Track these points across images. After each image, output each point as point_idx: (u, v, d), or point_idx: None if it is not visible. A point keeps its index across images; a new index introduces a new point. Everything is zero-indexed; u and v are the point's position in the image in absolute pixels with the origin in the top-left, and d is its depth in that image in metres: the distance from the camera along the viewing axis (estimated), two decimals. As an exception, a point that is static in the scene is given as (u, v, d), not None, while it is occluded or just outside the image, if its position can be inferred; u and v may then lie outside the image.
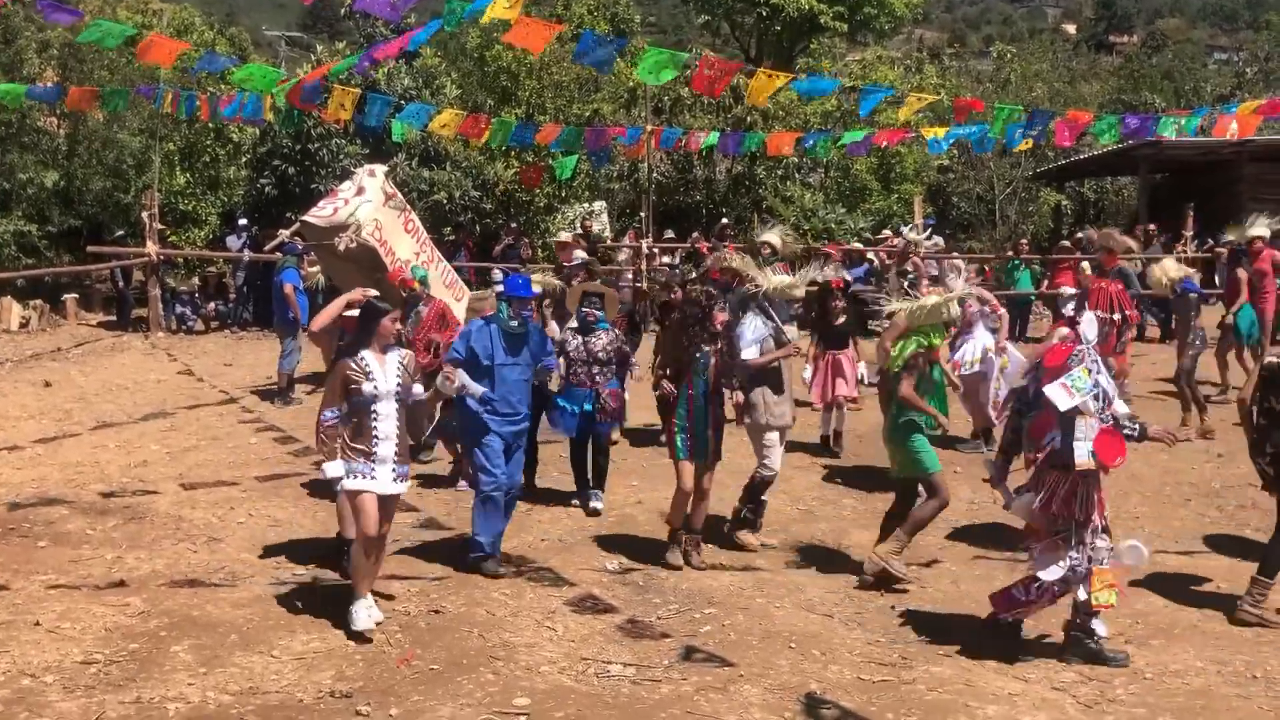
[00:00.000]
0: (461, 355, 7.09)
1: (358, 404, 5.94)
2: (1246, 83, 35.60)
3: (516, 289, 7.12)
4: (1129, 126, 12.17)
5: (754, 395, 7.60)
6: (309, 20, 66.07)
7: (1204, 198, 22.63)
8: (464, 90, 23.29)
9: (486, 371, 7.03)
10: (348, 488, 5.97)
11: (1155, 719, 5.14)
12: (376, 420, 5.95)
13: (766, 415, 7.66)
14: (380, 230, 12.28)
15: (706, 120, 23.70)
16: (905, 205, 24.17)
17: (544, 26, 9.69)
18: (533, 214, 21.89)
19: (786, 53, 31.53)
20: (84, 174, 20.78)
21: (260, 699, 5.11)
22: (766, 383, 7.67)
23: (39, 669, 5.36)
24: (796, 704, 5.20)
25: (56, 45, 21.27)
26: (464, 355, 7.09)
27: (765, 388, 7.67)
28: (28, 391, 12.56)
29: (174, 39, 13.99)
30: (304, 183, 19.94)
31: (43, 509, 8.13)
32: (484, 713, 5.00)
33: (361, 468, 5.92)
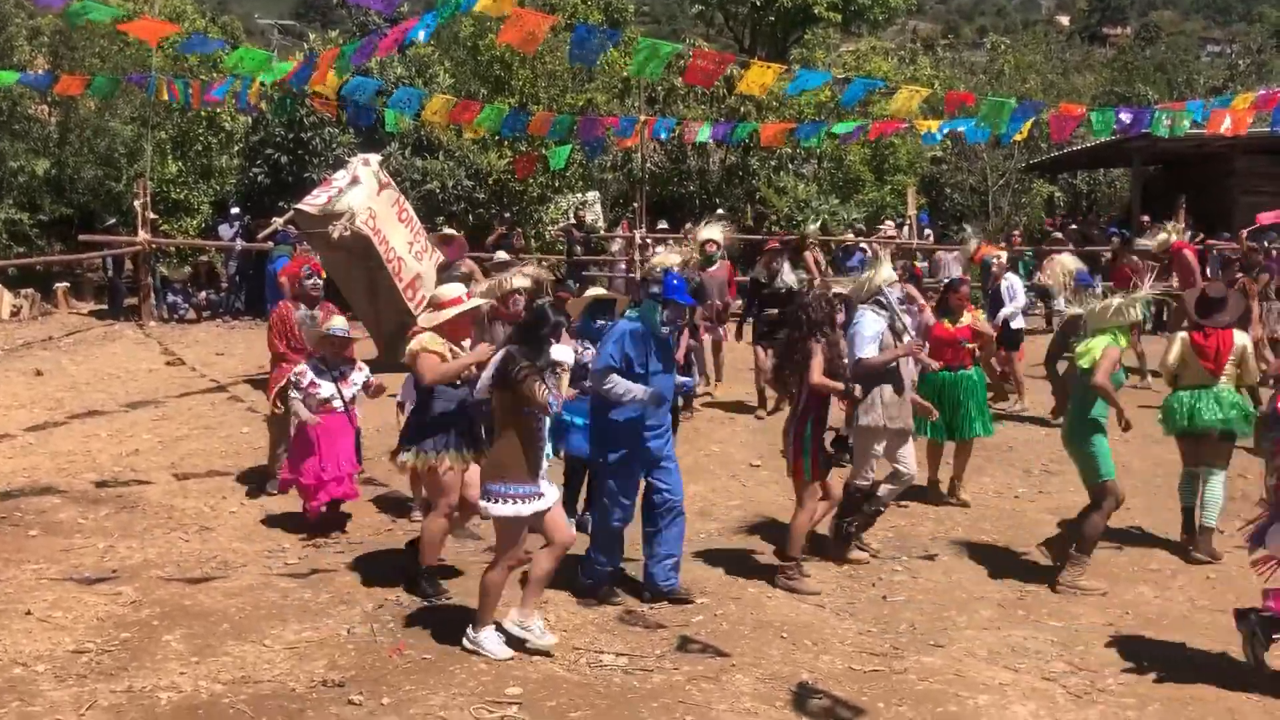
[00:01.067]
0: (616, 361, 6.27)
1: (522, 419, 5.53)
2: (1239, 75, 35.63)
3: (678, 293, 6.37)
4: (1123, 123, 12.17)
5: (870, 395, 7.07)
6: (301, 8, 65.90)
7: (1197, 190, 22.65)
8: (457, 79, 23.25)
9: (639, 381, 6.28)
10: (500, 513, 5.50)
11: (1145, 708, 5.17)
12: (542, 433, 5.63)
13: (884, 417, 7.13)
14: (374, 219, 12.28)
15: (700, 111, 23.69)
16: (898, 196, 24.22)
17: (538, 18, 9.64)
18: (526, 204, 21.86)
19: (780, 43, 31.49)
20: (75, 162, 20.72)
21: (252, 688, 5.11)
22: (886, 381, 7.14)
23: (30, 658, 5.36)
24: (788, 693, 5.22)
25: (47, 32, 21.20)
26: (618, 362, 6.28)
27: (884, 386, 7.14)
28: (19, 380, 12.52)
29: (165, 23, 13.92)
30: (296, 171, 19.90)
31: (34, 498, 8.11)
32: (476, 702, 5.01)
33: (529, 490, 5.51)
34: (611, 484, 6.41)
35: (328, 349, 7.64)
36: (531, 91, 23.08)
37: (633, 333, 6.35)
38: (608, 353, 6.32)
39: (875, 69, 26.97)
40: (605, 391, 6.23)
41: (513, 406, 5.49)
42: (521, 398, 5.42)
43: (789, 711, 5.05)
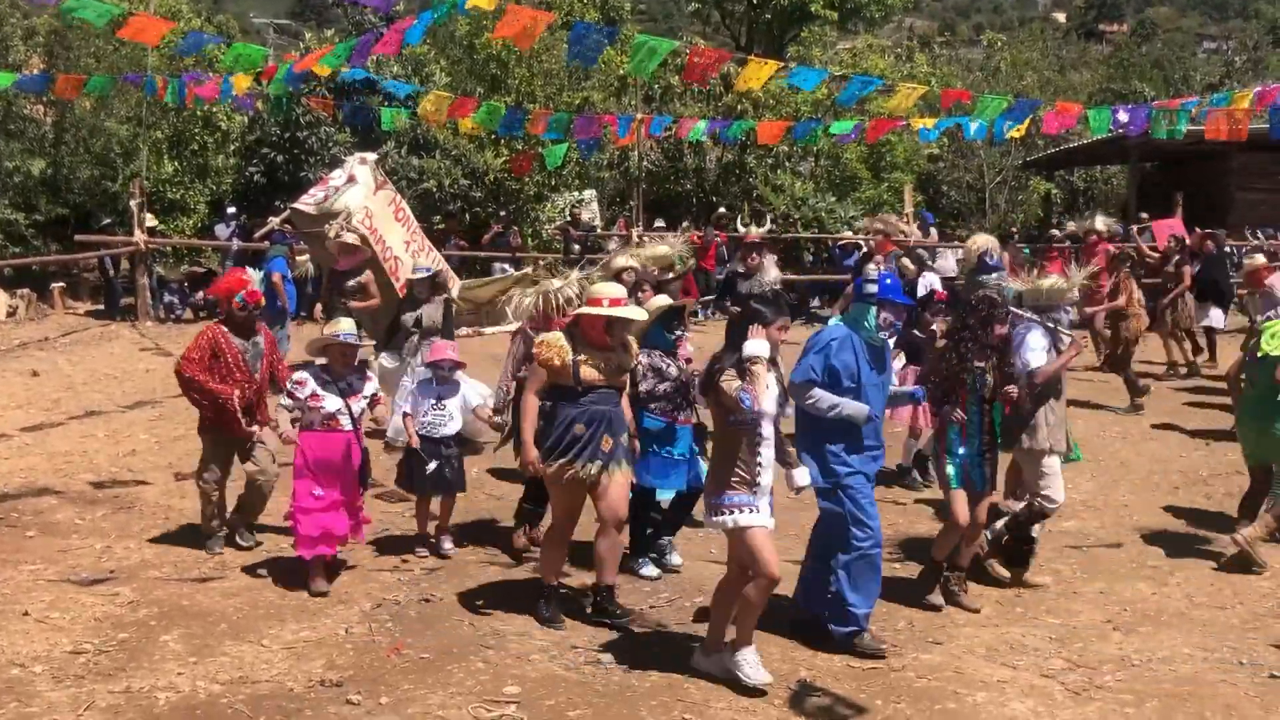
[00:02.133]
0: (818, 375, 5.72)
1: (742, 426, 5.19)
2: (1236, 72, 35.69)
3: (894, 292, 5.89)
4: (1119, 122, 12.16)
5: (1039, 415, 6.69)
6: (297, 7, 65.83)
7: (1194, 187, 22.70)
8: (454, 78, 23.24)
9: (851, 396, 5.73)
10: (743, 523, 5.15)
11: (1142, 705, 5.17)
12: (761, 444, 5.22)
13: (1048, 439, 6.76)
14: (371, 218, 12.26)
15: (697, 109, 23.69)
16: (895, 194, 24.23)
17: (533, 15, 9.63)
18: (522, 202, 21.86)
19: (777, 41, 31.51)
20: (71, 162, 20.68)
21: (251, 688, 5.11)
22: (1050, 397, 6.79)
23: (28, 659, 5.35)
24: (786, 691, 5.22)
25: (42, 32, 21.18)
26: (820, 375, 5.73)
27: (1050, 404, 6.79)
28: (15, 381, 12.49)
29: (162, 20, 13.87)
30: (293, 171, 19.90)
31: (31, 499, 8.09)
32: (474, 701, 5.00)
33: (745, 500, 5.16)
34: (849, 506, 5.74)
35: (334, 358, 6.71)
36: (528, 90, 23.08)
37: (840, 341, 5.77)
38: (808, 364, 5.75)
39: (872, 66, 26.99)
40: (808, 406, 5.72)
41: (719, 412, 5.23)
42: (723, 401, 5.13)
43: (787, 709, 5.05)
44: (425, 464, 7.01)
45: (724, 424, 5.23)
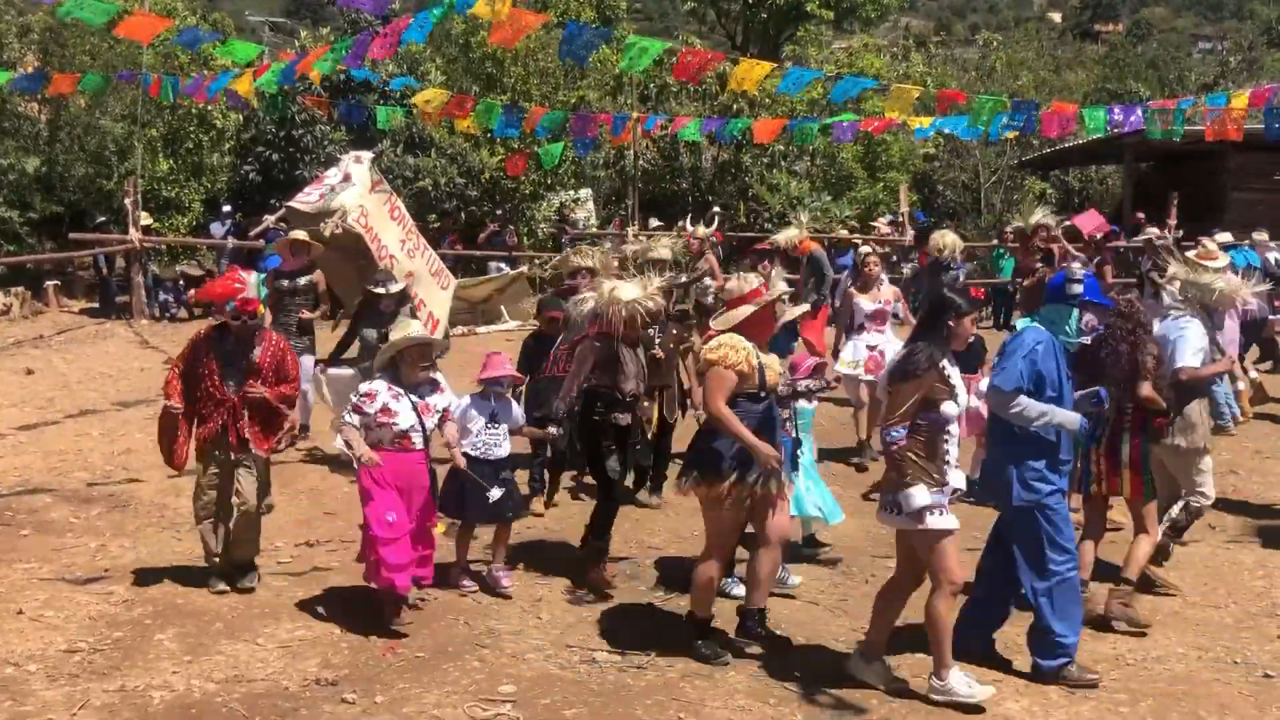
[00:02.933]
0: (1026, 381, 5.29)
1: (934, 422, 5.01)
2: (1231, 72, 35.74)
3: (1096, 293, 5.55)
4: (1114, 121, 12.17)
5: (1192, 412, 6.53)
6: (292, 6, 65.72)
7: (1190, 187, 22.71)
8: (449, 77, 23.22)
9: (1054, 404, 5.31)
10: (936, 526, 4.95)
11: (1137, 704, 5.18)
12: (949, 444, 5.04)
13: (1203, 438, 6.64)
14: (366, 217, 12.23)
15: (693, 108, 23.69)
16: (891, 193, 24.24)
17: (529, 17, 9.64)
18: (518, 201, 21.85)
19: (773, 40, 31.54)
20: (66, 160, 20.64)
21: (246, 687, 5.10)
22: (1200, 396, 6.62)
23: (22, 657, 5.34)
24: (782, 690, 5.22)
25: (37, 30, 21.14)
26: (1028, 381, 5.30)
27: (1202, 401, 6.64)
28: (10, 379, 12.47)
29: (158, 17, 13.83)
30: (288, 169, 19.87)
31: (26, 497, 8.08)
32: (469, 700, 5.00)
33: (938, 499, 4.95)
34: (1046, 528, 5.33)
35: (411, 362, 5.96)
36: (524, 89, 23.07)
37: (1044, 345, 5.40)
38: (1016, 370, 5.27)
39: (867, 66, 27.00)
40: (1014, 415, 5.25)
41: (916, 406, 4.98)
42: (926, 395, 4.95)
43: (783, 708, 5.06)
44: (482, 489, 6.30)
45: (918, 415, 4.99)
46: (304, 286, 9.88)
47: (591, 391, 6.55)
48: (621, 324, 6.47)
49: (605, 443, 6.52)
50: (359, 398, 5.96)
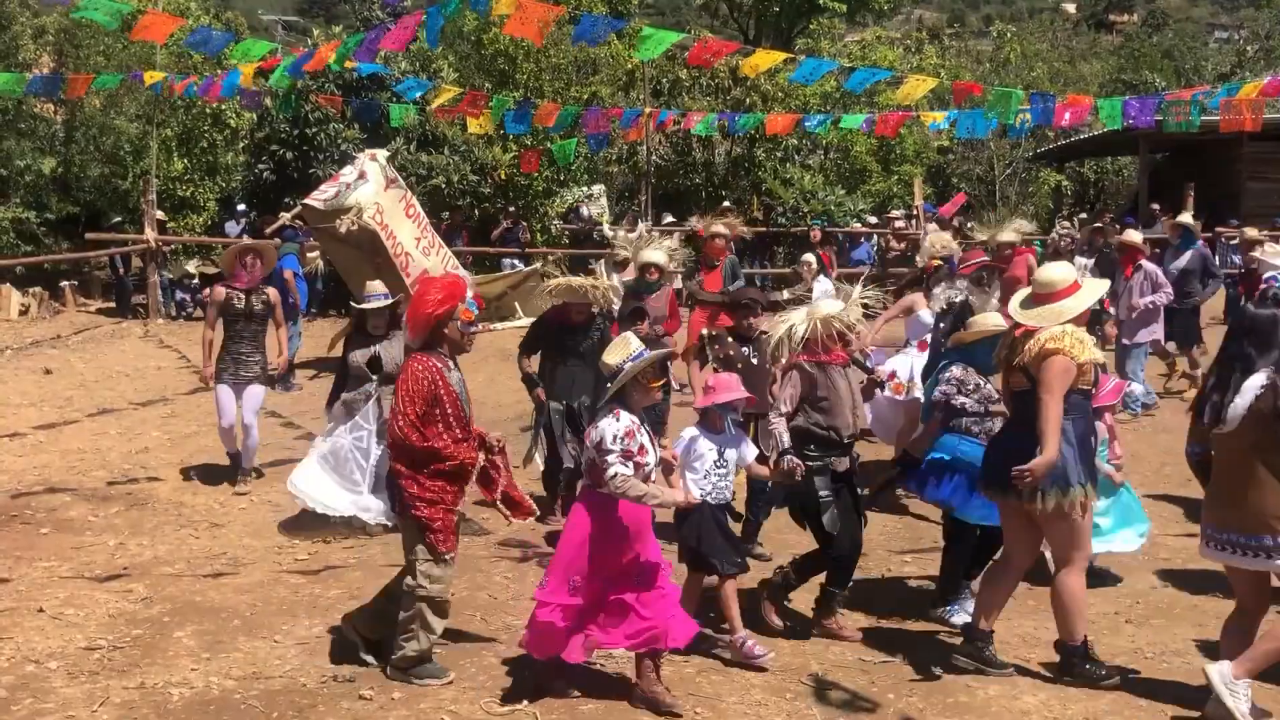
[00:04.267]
0: None
1: None
2: (1247, 61, 35.48)
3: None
4: (1129, 114, 12.06)
5: None
6: (305, 4, 65.85)
7: (1205, 177, 22.58)
8: (461, 73, 23.23)
9: None
10: None
11: (1155, 698, 5.16)
12: None
13: None
14: (381, 214, 12.30)
15: (705, 102, 23.64)
16: (905, 187, 24.16)
17: (543, 9, 9.61)
18: (531, 198, 21.85)
19: (785, 33, 31.44)
20: (81, 160, 20.75)
21: (264, 684, 5.13)
22: None
23: (43, 655, 5.38)
24: (798, 685, 5.22)
25: (52, 31, 21.24)
26: None
27: None
28: (28, 379, 12.55)
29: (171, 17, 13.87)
30: (302, 168, 19.90)
31: (45, 496, 8.14)
32: (486, 695, 5.01)
33: None
34: None
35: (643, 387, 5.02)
36: (536, 85, 23.06)
37: None
38: None
39: (880, 58, 26.89)
40: None
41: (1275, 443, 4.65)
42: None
43: (799, 703, 5.05)
44: (725, 537, 5.60)
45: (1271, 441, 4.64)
46: (260, 313, 8.63)
47: (803, 431, 5.75)
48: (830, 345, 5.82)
49: (822, 493, 5.71)
50: (621, 441, 4.84)
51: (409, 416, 5.00)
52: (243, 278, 8.58)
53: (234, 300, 8.51)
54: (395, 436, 5.03)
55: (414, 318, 5.15)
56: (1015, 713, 5.00)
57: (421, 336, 5.13)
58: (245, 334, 8.57)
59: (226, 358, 8.52)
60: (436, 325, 5.11)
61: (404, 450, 5.03)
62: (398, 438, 5.02)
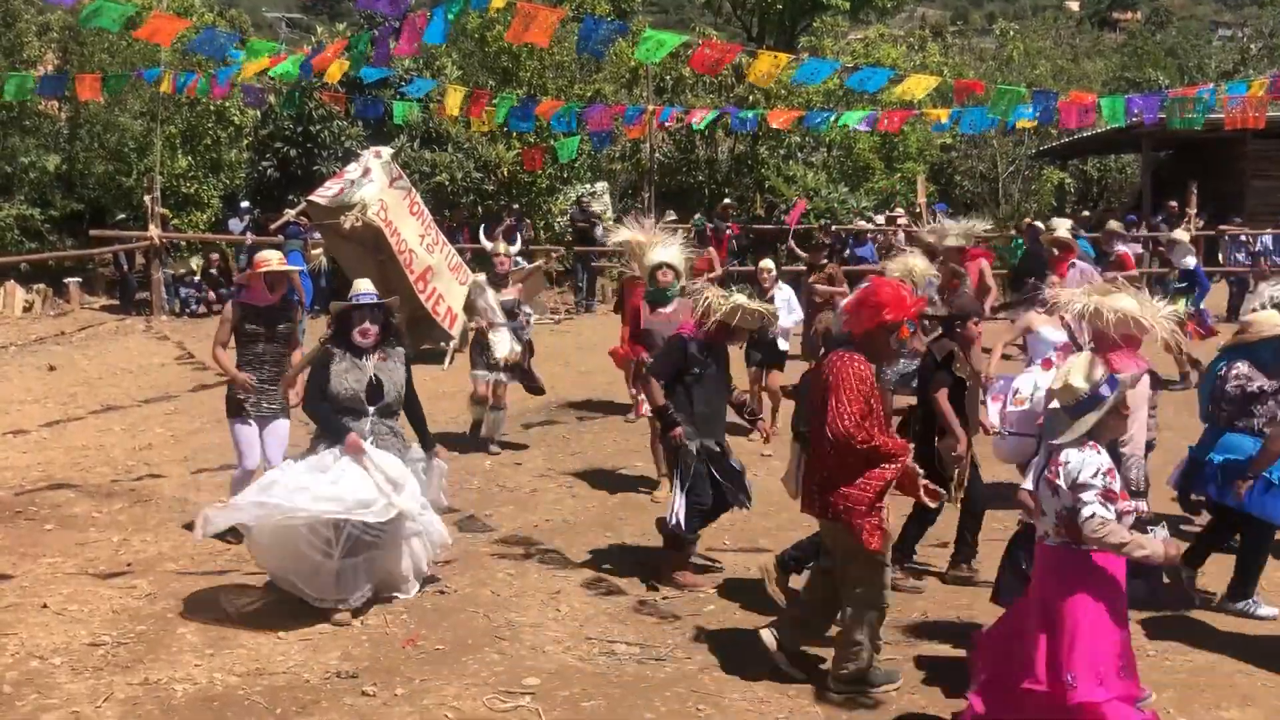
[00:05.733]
0: None
1: None
2: (1251, 59, 35.41)
3: None
4: (1133, 112, 12.03)
5: None
6: (309, 1, 65.81)
7: (1207, 174, 22.56)
8: (465, 71, 23.24)
9: None
10: None
11: (1159, 695, 5.15)
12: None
13: None
14: (385, 211, 12.28)
15: (709, 100, 23.64)
16: (908, 184, 24.15)
17: (547, 11, 9.60)
18: (534, 195, 21.87)
19: (789, 31, 31.40)
20: (85, 157, 20.78)
21: (267, 680, 5.14)
22: None
23: (47, 651, 5.39)
24: (802, 682, 5.22)
25: (57, 28, 21.26)
26: None
27: None
28: (32, 376, 12.58)
29: (176, 18, 13.88)
30: (305, 165, 19.93)
31: (49, 492, 8.16)
32: (489, 692, 5.02)
33: None
34: None
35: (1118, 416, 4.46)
36: (539, 83, 23.08)
37: None
38: None
39: (884, 56, 26.87)
40: None
41: None
42: None
43: (802, 700, 5.06)
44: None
45: None
46: (284, 332, 7.26)
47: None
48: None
49: None
50: (1103, 479, 4.24)
51: (854, 415, 4.82)
52: (263, 294, 7.18)
53: (251, 319, 7.10)
54: (840, 436, 4.81)
55: (864, 315, 5.00)
56: (1017, 710, 5.00)
57: (863, 335, 5.01)
58: (266, 357, 7.10)
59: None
60: (881, 331, 4.98)
61: (847, 451, 4.85)
62: (842, 437, 4.81)
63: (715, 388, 6.57)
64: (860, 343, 5.01)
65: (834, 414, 4.83)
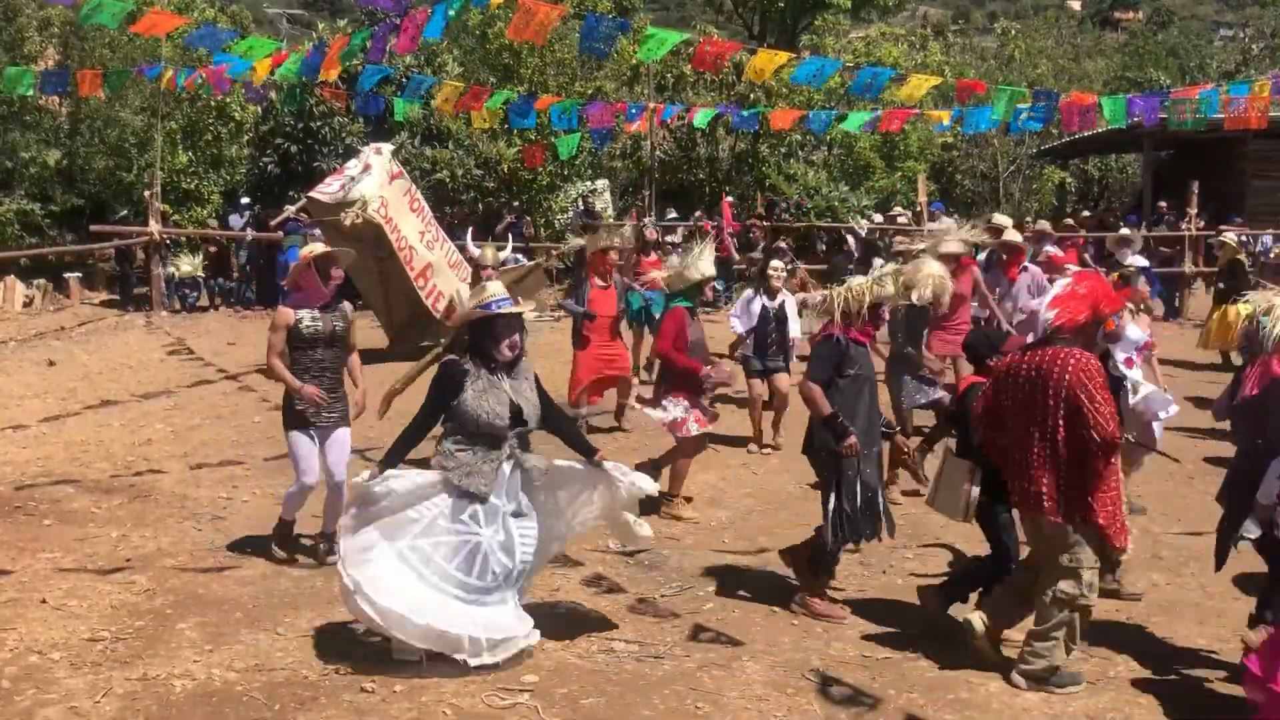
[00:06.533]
0: None
1: None
2: (1253, 59, 35.41)
3: None
4: (1134, 113, 12.01)
5: None
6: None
7: (1208, 174, 22.54)
8: (466, 68, 23.24)
9: None
10: None
11: (1157, 695, 5.16)
12: None
13: None
14: (386, 207, 12.31)
15: (710, 98, 23.64)
16: (909, 183, 24.15)
17: (548, 9, 9.59)
18: (535, 193, 21.87)
19: (790, 30, 31.41)
20: (86, 153, 20.78)
21: (266, 675, 5.14)
22: None
23: (46, 646, 5.39)
24: (800, 680, 5.23)
25: (57, 23, 21.25)
26: None
27: None
28: (32, 370, 12.58)
29: (175, 15, 13.87)
30: (306, 161, 19.94)
31: (48, 488, 8.16)
32: (488, 689, 5.02)
33: None
34: None
35: None
36: (540, 80, 23.07)
37: None
38: None
39: (885, 55, 26.87)
40: None
41: None
42: None
43: (800, 699, 5.06)
44: None
45: None
46: (341, 332, 6.67)
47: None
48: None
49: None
50: None
51: (1112, 413, 4.84)
52: (318, 290, 6.56)
53: (307, 323, 6.50)
54: (1108, 436, 4.82)
55: (1077, 309, 5.01)
56: (1016, 709, 5.00)
57: (1074, 329, 5.01)
58: (325, 363, 6.55)
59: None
60: (1094, 324, 5.07)
61: (1111, 449, 4.90)
62: (1109, 436, 4.83)
63: (872, 392, 6.13)
64: (1073, 337, 5.00)
65: (1096, 415, 4.82)
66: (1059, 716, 4.94)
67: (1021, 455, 5.08)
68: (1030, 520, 5.19)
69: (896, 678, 5.29)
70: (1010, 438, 5.15)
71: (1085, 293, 5.05)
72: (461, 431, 5.24)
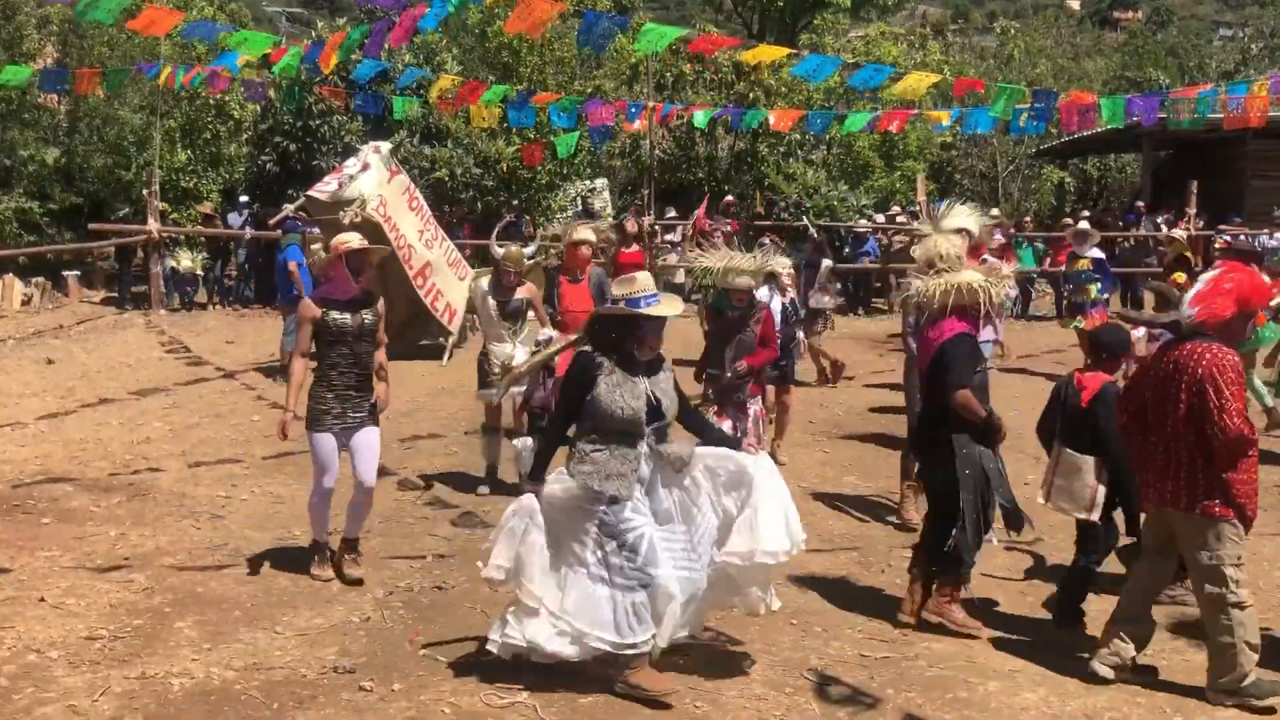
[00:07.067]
0: None
1: None
2: (1252, 59, 35.43)
3: None
4: (1133, 113, 12.01)
5: None
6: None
7: (1207, 174, 22.56)
8: (465, 66, 23.24)
9: None
10: None
11: (1154, 695, 5.16)
12: None
13: None
14: (385, 206, 12.31)
15: (709, 97, 23.64)
16: (908, 183, 24.16)
17: (547, 5, 9.59)
18: (534, 191, 21.86)
19: (789, 29, 31.42)
20: (85, 151, 20.79)
21: (264, 674, 5.14)
22: None
23: (44, 644, 5.39)
24: (798, 679, 5.22)
25: (56, 21, 21.26)
26: None
27: None
28: (30, 369, 12.57)
29: (173, 11, 13.84)
30: (305, 159, 19.93)
31: (47, 486, 8.15)
32: (486, 688, 5.02)
33: None
34: None
35: None
36: (540, 78, 23.08)
37: None
38: None
39: (884, 54, 26.88)
40: None
41: None
42: None
43: (799, 698, 5.06)
44: None
45: None
46: (371, 326, 6.39)
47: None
48: None
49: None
50: None
51: (1242, 411, 4.80)
52: (347, 284, 6.31)
53: (336, 317, 6.23)
54: (1235, 432, 4.75)
55: (1223, 303, 4.92)
56: (1014, 708, 5.00)
57: (1219, 323, 4.92)
58: (354, 359, 6.28)
59: (328, 395, 6.24)
60: (1241, 318, 4.99)
61: (1242, 445, 4.82)
62: (1235, 433, 4.76)
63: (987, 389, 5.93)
64: (1218, 331, 4.92)
65: (1223, 411, 4.76)
66: (1058, 716, 4.94)
67: (1161, 452, 5.02)
68: (1162, 516, 5.12)
69: (895, 677, 5.28)
70: (1153, 434, 5.09)
71: (1231, 287, 4.94)
72: (596, 430, 4.98)
